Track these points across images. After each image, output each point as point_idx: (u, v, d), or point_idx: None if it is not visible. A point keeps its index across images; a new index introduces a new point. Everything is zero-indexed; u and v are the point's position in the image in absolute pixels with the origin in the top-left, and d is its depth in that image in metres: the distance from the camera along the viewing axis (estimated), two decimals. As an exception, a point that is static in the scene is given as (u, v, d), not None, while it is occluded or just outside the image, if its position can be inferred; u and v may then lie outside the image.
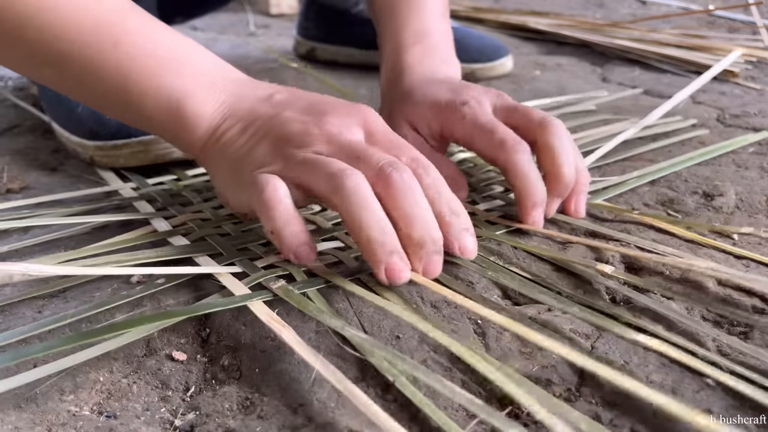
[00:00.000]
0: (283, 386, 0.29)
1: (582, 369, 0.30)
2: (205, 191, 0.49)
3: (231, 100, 0.39)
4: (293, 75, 0.89)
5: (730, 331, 0.33)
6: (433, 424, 0.27)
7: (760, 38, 0.99)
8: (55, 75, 0.39)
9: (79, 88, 0.40)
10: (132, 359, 0.31)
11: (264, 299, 0.34)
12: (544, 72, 0.90)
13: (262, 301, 0.34)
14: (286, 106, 0.39)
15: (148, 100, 0.38)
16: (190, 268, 0.37)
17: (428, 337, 0.32)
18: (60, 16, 0.36)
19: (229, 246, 0.40)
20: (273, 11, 1.47)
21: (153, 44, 0.38)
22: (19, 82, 0.86)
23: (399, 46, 0.53)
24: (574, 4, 1.44)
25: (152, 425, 0.28)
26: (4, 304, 0.36)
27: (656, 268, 0.39)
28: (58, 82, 0.40)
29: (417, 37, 0.53)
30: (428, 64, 0.51)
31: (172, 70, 0.38)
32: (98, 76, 0.38)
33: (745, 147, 0.59)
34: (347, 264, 0.38)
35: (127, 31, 0.38)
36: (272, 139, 0.37)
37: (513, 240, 0.41)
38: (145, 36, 0.38)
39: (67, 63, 0.37)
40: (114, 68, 0.37)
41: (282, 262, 0.38)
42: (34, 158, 0.59)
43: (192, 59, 0.40)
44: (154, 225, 0.43)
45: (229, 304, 0.33)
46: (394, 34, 0.53)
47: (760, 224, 0.44)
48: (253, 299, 0.34)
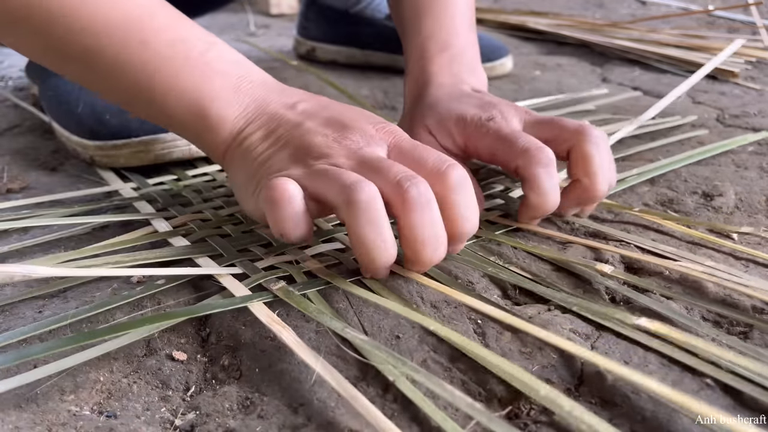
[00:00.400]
0: (284, 386, 0.29)
1: (582, 369, 0.30)
2: (205, 191, 0.49)
3: (255, 105, 0.39)
4: (293, 74, 0.89)
5: (729, 331, 0.33)
6: (433, 424, 0.27)
7: (760, 38, 0.99)
8: (80, 70, 0.39)
9: (102, 83, 0.39)
10: (132, 359, 0.32)
11: (264, 300, 0.34)
12: (544, 72, 0.90)
13: (262, 302, 0.34)
14: (310, 116, 0.38)
15: (172, 100, 0.38)
16: (190, 269, 0.37)
17: (428, 337, 0.32)
18: (89, 11, 0.36)
19: (229, 247, 0.40)
20: (273, 11, 1.47)
21: (181, 44, 0.38)
22: (19, 82, 0.86)
23: (424, 56, 0.52)
24: (573, 4, 1.44)
25: (152, 425, 0.28)
26: (4, 303, 0.36)
27: (656, 268, 0.39)
28: (82, 77, 0.40)
29: (443, 48, 0.52)
30: (454, 74, 0.51)
31: (197, 71, 0.38)
32: (124, 73, 0.38)
33: (745, 147, 0.59)
34: (347, 265, 0.38)
35: (155, 29, 0.38)
36: (293, 148, 0.37)
37: (513, 240, 0.41)
38: (172, 34, 0.38)
39: (93, 58, 0.37)
40: (140, 67, 0.37)
41: (282, 263, 0.38)
42: (34, 158, 0.59)
43: (218, 60, 0.39)
44: (155, 225, 0.43)
45: (229, 305, 0.33)
46: (420, 44, 0.53)
47: (759, 224, 0.44)
48: (254, 300, 0.34)
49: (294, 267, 0.37)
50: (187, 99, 0.38)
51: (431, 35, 0.52)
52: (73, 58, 0.37)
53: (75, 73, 0.39)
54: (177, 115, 0.39)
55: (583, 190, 0.41)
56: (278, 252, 0.39)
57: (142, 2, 0.38)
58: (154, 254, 0.38)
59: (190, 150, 0.54)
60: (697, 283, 0.37)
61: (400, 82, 0.85)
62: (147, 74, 0.37)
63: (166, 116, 0.39)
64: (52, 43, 0.37)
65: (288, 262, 0.38)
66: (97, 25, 0.36)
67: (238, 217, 0.45)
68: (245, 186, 0.38)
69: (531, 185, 0.40)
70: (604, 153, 0.41)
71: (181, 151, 0.53)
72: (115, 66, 0.37)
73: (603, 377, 0.29)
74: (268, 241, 0.41)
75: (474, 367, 0.30)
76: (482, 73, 0.54)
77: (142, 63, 0.37)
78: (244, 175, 0.38)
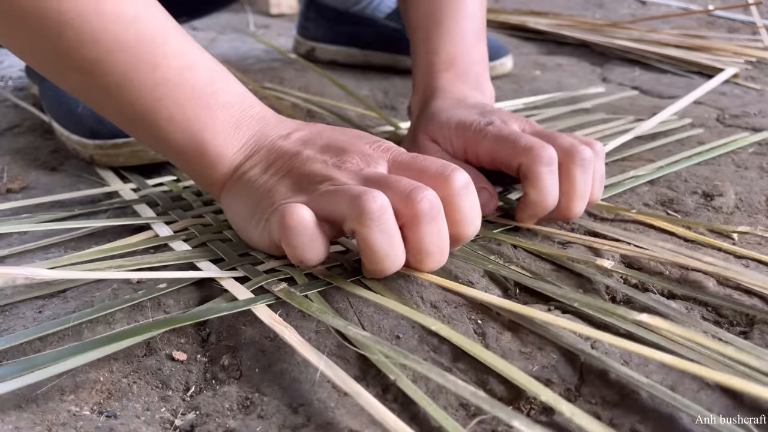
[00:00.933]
0: (284, 386, 0.29)
1: (582, 369, 0.30)
2: (205, 194, 0.49)
3: (254, 140, 0.39)
4: (294, 74, 0.89)
5: (729, 331, 0.33)
6: (433, 423, 0.27)
7: (760, 38, 0.99)
8: (82, 81, 0.38)
9: (103, 98, 0.39)
10: (132, 359, 0.32)
11: (266, 303, 0.34)
12: (544, 72, 0.90)
13: (265, 304, 0.34)
14: (306, 144, 0.38)
15: (174, 128, 0.38)
16: (192, 272, 0.37)
17: (428, 337, 0.32)
18: (103, 24, 0.35)
19: (230, 251, 0.40)
20: (273, 11, 1.47)
21: (189, 72, 0.38)
22: (20, 82, 0.86)
23: (430, 71, 0.52)
24: (573, 4, 1.44)
25: (152, 425, 0.28)
26: (4, 304, 0.36)
27: (656, 267, 0.39)
28: (81, 88, 0.39)
29: (449, 64, 0.52)
30: (459, 89, 0.51)
31: (202, 102, 0.38)
32: (130, 93, 0.37)
33: (745, 147, 0.59)
34: (348, 267, 0.38)
35: (167, 54, 0.37)
36: (294, 177, 0.37)
37: (513, 239, 0.41)
38: (182, 61, 0.38)
39: (99, 72, 0.36)
40: (148, 90, 0.37)
41: (283, 266, 0.38)
42: (34, 158, 0.59)
43: (223, 92, 0.39)
44: (156, 230, 0.43)
45: (232, 309, 0.33)
46: (427, 58, 0.53)
47: (759, 224, 0.44)
48: (256, 303, 0.34)
49: (295, 269, 0.37)
50: (189, 130, 0.38)
51: (438, 50, 0.53)
52: (77, 69, 0.37)
53: (74, 82, 0.39)
54: (176, 144, 0.38)
55: (559, 210, 0.42)
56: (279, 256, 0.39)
57: (157, 23, 0.37)
58: (155, 258, 0.38)
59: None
60: (697, 282, 0.37)
61: (400, 82, 0.85)
62: (153, 98, 0.37)
63: (164, 142, 0.39)
64: (58, 50, 0.36)
65: (289, 265, 0.38)
66: (110, 40, 0.36)
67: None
68: (248, 218, 0.38)
69: (532, 182, 0.40)
70: (589, 176, 0.41)
71: None
72: (121, 84, 0.37)
73: (603, 377, 0.29)
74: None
75: (474, 367, 0.30)
76: (490, 87, 0.54)
77: (150, 87, 0.37)
78: (247, 207, 0.38)
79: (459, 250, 0.39)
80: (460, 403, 0.28)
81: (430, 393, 0.29)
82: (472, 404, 0.28)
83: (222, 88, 0.39)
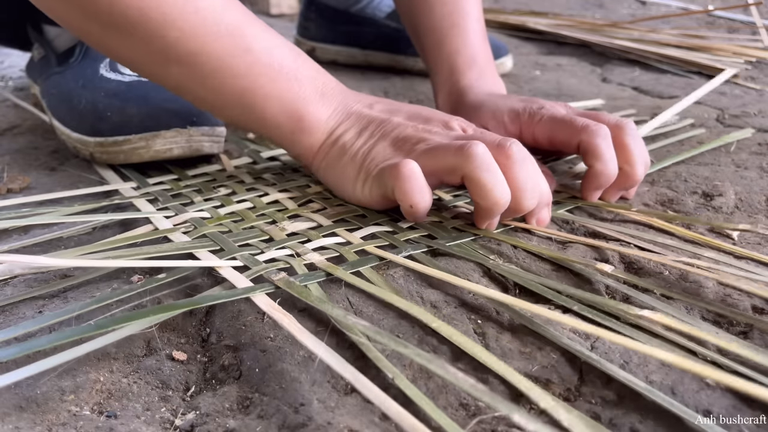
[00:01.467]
0: (283, 386, 0.29)
1: (582, 369, 0.30)
2: (205, 192, 0.49)
3: (341, 108, 0.44)
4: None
5: (729, 331, 0.33)
6: (433, 424, 0.27)
7: (760, 38, 0.99)
8: (183, 73, 0.41)
9: (202, 88, 0.42)
10: (132, 359, 0.32)
11: (266, 291, 0.34)
12: (544, 72, 0.90)
13: (264, 293, 0.34)
14: (392, 113, 0.44)
15: (272, 103, 0.42)
16: (191, 261, 0.37)
17: (428, 337, 0.32)
18: (200, 17, 0.40)
19: (229, 242, 0.40)
20: (273, 11, 1.47)
21: (275, 51, 0.42)
22: (20, 82, 0.86)
23: (454, 71, 0.57)
24: (573, 4, 1.44)
25: (152, 425, 0.28)
26: (5, 304, 0.36)
27: (656, 267, 0.39)
28: (183, 80, 0.42)
29: (470, 63, 0.57)
30: (485, 85, 0.56)
31: (291, 77, 0.43)
32: (229, 78, 0.41)
33: (745, 147, 0.59)
34: (348, 258, 0.38)
35: (255, 37, 0.42)
36: (390, 140, 0.42)
37: (513, 239, 0.41)
38: (268, 42, 0.43)
39: (198, 63, 0.41)
40: (245, 71, 0.41)
41: (283, 256, 0.38)
42: (34, 158, 0.59)
43: (305, 67, 0.44)
44: (155, 223, 0.43)
45: (231, 296, 0.33)
46: (449, 59, 0.58)
47: (759, 224, 0.44)
48: (255, 291, 0.34)
49: (295, 259, 0.38)
50: (285, 103, 0.43)
51: (459, 50, 0.58)
52: (178, 62, 0.40)
53: (177, 76, 0.42)
54: (274, 117, 0.43)
55: (625, 174, 0.45)
56: (279, 246, 0.40)
57: (238, 10, 0.42)
58: (155, 249, 0.38)
59: (190, 147, 0.53)
60: (697, 282, 0.37)
61: (400, 82, 0.85)
62: (250, 79, 0.42)
63: (262, 119, 0.43)
64: (161, 47, 0.40)
65: (289, 255, 0.39)
66: (207, 33, 0.40)
67: (239, 214, 0.45)
68: (354, 178, 0.43)
69: (595, 154, 0.44)
70: (640, 143, 0.46)
71: (182, 149, 0.53)
72: (219, 71, 0.41)
73: (603, 377, 0.29)
74: (270, 236, 0.41)
75: (475, 367, 0.30)
76: (501, 81, 0.59)
77: (246, 68, 0.41)
78: (350, 168, 0.43)
79: (459, 249, 0.39)
80: (460, 403, 0.28)
81: (430, 393, 0.29)
82: (471, 404, 0.28)
83: (303, 63, 0.44)
